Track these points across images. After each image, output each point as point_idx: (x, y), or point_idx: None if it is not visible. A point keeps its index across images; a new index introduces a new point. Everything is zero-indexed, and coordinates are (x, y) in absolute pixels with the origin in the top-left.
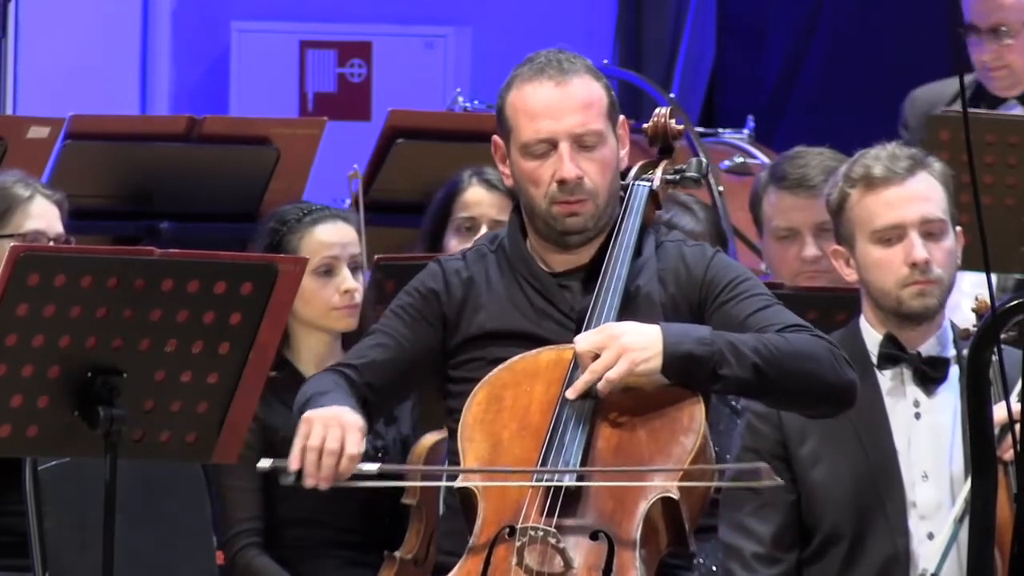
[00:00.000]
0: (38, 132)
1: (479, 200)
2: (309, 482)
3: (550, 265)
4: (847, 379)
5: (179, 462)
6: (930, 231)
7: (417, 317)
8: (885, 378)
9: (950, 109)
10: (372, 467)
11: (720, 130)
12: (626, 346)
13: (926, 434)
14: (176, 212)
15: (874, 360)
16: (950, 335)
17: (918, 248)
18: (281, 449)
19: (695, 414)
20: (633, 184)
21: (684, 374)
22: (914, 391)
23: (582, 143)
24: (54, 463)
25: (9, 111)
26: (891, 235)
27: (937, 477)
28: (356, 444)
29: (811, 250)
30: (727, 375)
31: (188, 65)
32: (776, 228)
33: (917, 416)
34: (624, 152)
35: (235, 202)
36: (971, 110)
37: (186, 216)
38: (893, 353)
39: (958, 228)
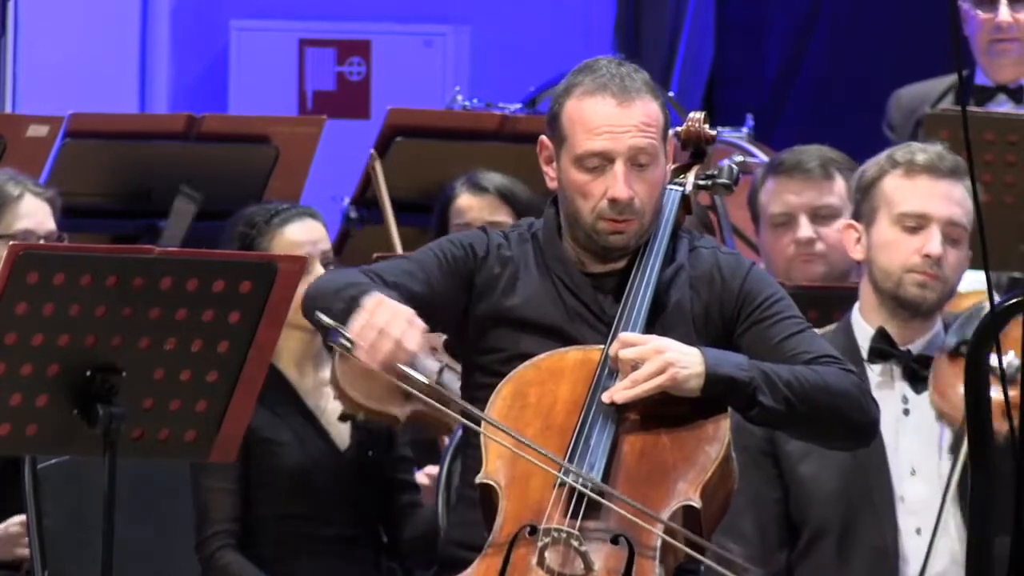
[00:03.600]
0: (37, 130)
1: (470, 206)
2: (362, 356)
3: (585, 266)
4: (871, 418)
5: (178, 460)
6: (951, 235)
7: (454, 267)
8: (874, 373)
9: (949, 108)
10: (425, 376)
11: (719, 129)
12: (669, 360)
13: (914, 430)
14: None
15: (864, 355)
16: (942, 336)
17: (936, 242)
18: (258, 448)
19: (720, 423)
20: (665, 188)
21: (721, 397)
22: (903, 387)
23: (636, 162)
24: (53, 462)
25: (8, 109)
26: (914, 223)
27: (925, 472)
28: (415, 341)
29: (806, 231)
30: (763, 403)
31: (187, 63)
32: (773, 215)
33: (906, 412)
34: (669, 166)
35: (234, 201)
36: (970, 108)
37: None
38: (884, 349)
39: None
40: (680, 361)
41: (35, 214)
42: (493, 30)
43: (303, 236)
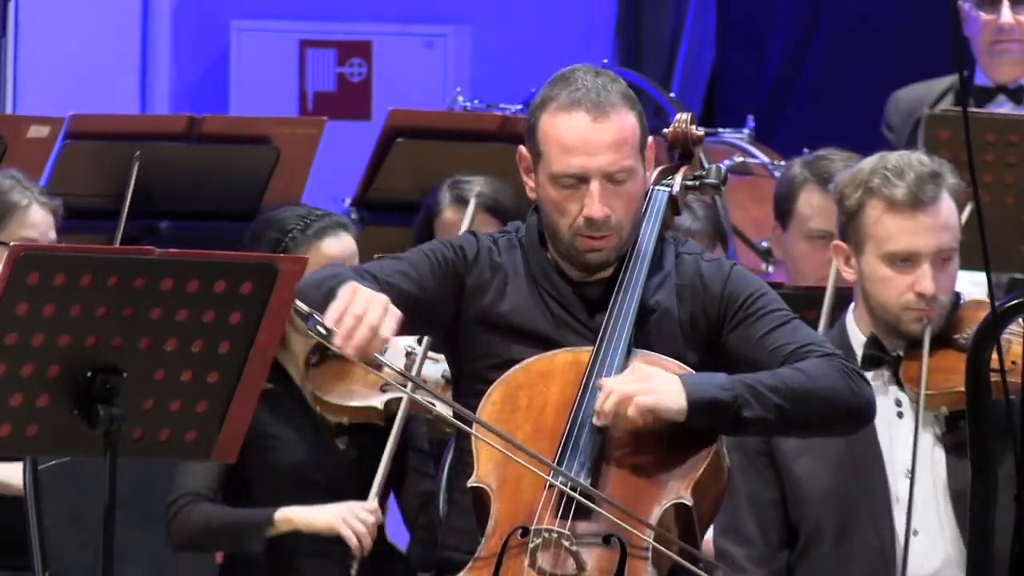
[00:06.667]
0: (38, 131)
1: (456, 221)
2: (338, 342)
3: (569, 273)
4: (865, 398)
5: (179, 461)
6: (941, 257)
7: (444, 269)
8: (868, 377)
9: (949, 108)
10: (399, 364)
11: (720, 129)
12: (656, 387)
13: (908, 432)
14: (176, 211)
15: (858, 361)
16: None
17: (928, 281)
18: (256, 444)
19: None
20: (653, 189)
21: (708, 419)
22: (896, 391)
23: (613, 179)
24: (54, 462)
25: (9, 110)
26: (903, 260)
27: (920, 474)
28: (391, 329)
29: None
30: (750, 417)
31: (188, 64)
32: (813, 229)
33: (900, 415)
34: (650, 173)
35: (235, 201)
36: (971, 109)
37: (186, 215)
38: (876, 355)
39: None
40: (665, 387)
41: (40, 225)
42: (494, 31)
43: (339, 251)
